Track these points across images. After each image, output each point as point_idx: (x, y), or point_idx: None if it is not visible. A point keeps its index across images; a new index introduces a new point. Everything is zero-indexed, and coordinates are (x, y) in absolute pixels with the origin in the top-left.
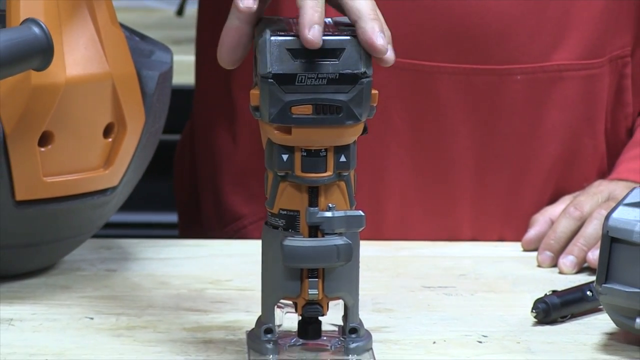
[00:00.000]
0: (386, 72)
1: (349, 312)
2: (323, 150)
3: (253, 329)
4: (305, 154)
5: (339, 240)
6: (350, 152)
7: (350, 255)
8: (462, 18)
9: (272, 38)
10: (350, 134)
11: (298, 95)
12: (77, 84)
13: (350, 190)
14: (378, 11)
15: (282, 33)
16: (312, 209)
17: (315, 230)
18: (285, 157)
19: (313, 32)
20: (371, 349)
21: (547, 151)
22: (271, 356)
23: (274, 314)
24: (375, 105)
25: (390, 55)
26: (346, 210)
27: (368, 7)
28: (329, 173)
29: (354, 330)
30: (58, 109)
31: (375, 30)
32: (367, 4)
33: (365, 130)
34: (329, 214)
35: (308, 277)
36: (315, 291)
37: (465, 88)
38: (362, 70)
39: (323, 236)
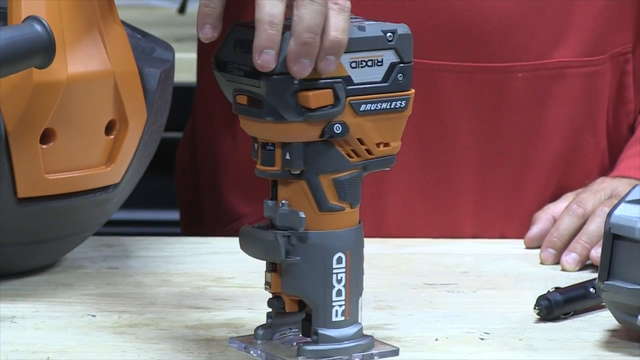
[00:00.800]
0: None
1: (313, 314)
2: (270, 144)
3: None
4: (260, 145)
5: (269, 236)
6: (294, 150)
7: (274, 253)
8: (463, 16)
9: (236, 27)
10: (283, 132)
11: (237, 85)
12: (78, 81)
13: (317, 193)
14: (327, 26)
15: (251, 23)
16: (268, 201)
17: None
18: (255, 146)
19: (263, 57)
20: (335, 357)
21: (549, 148)
22: (259, 342)
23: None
24: (313, 107)
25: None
26: (310, 210)
27: (304, 26)
28: (276, 168)
29: (315, 334)
30: (60, 106)
31: (296, 56)
32: (307, 20)
33: (326, 133)
34: (275, 209)
35: (266, 268)
36: (267, 283)
37: (467, 86)
38: None
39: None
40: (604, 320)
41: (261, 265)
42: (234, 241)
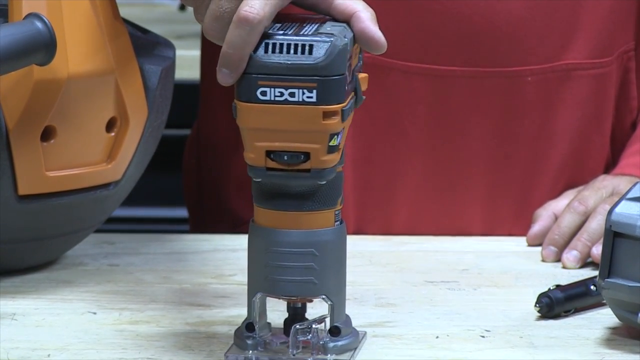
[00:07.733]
0: (398, 77)
1: None
2: None
3: None
4: None
5: None
6: None
7: None
8: (472, 22)
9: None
10: None
11: None
12: (79, 78)
13: None
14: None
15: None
16: None
17: None
18: None
19: (219, 75)
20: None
21: (557, 150)
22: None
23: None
24: None
25: None
26: None
27: (225, 40)
28: None
29: None
30: (60, 103)
31: (218, 66)
32: (228, 36)
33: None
34: None
35: None
36: None
37: (476, 91)
38: None
39: None
40: (604, 317)
41: None
42: (235, 238)
